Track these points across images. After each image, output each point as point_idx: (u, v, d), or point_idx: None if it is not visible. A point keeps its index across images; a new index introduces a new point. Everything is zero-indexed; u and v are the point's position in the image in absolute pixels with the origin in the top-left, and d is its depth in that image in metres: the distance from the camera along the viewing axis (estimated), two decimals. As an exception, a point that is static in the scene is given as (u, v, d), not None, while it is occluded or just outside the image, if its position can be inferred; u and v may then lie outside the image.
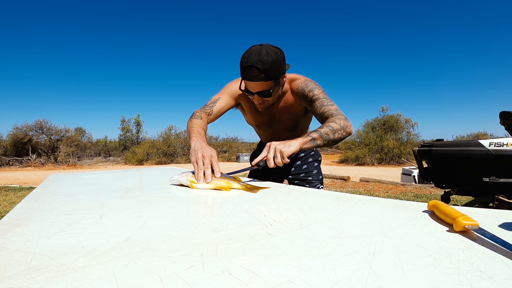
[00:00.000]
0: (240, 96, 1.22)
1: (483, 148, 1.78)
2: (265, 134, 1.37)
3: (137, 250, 0.37)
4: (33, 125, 16.62)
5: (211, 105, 1.18)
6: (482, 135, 15.98)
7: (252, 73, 1.01)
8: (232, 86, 1.22)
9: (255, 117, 1.27)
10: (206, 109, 1.18)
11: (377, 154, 15.28)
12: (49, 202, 0.65)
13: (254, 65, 0.99)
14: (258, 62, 0.99)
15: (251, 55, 1.01)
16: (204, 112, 1.17)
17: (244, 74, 1.03)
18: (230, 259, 0.34)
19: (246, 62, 1.01)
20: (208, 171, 0.85)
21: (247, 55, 1.02)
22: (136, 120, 20.61)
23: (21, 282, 0.29)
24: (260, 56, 0.99)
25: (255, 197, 0.71)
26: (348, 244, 0.39)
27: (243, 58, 1.03)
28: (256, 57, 0.99)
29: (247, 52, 1.03)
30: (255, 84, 1.04)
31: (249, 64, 1.00)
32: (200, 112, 1.17)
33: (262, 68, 0.99)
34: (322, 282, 0.29)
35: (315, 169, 1.39)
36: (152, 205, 0.62)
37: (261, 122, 1.29)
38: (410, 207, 0.58)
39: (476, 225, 0.42)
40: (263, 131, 1.36)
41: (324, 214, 0.54)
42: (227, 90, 1.22)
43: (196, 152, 0.91)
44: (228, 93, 1.21)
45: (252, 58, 1.00)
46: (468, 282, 0.29)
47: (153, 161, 16.30)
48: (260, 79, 1.02)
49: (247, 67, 1.01)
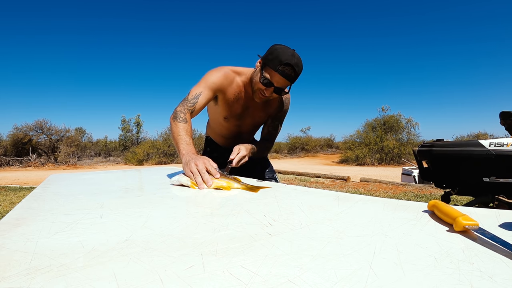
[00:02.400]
0: (219, 89, 1.21)
1: (483, 148, 1.78)
2: (229, 127, 1.37)
3: (137, 250, 0.37)
4: (33, 125, 16.63)
5: (193, 101, 1.15)
6: (482, 135, 15.97)
7: (288, 71, 1.08)
8: (213, 79, 1.19)
9: (229, 109, 1.28)
10: (189, 105, 1.14)
11: (377, 154, 15.27)
12: (49, 202, 0.65)
13: (294, 66, 1.08)
14: (295, 65, 1.08)
15: (290, 55, 1.08)
16: (188, 110, 1.14)
17: (278, 68, 1.08)
18: (230, 259, 0.34)
19: (286, 59, 1.07)
20: (205, 175, 0.85)
21: (285, 53, 1.08)
22: (136, 120, 20.61)
23: (21, 282, 0.29)
24: (297, 60, 1.09)
25: (255, 197, 0.71)
26: (348, 244, 0.39)
27: (283, 53, 1.08)
28: (294, 59, 1.08)
29: (284, 49, 1.10)
30: (283, 80, 1.11)
31: (288, 62, 1.07)
32: (183, 111, 1.13)
33: (297, 71, 1.10)
34: (322, 282, 0.29)
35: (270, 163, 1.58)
36: (152, 205, 0.62)
37: (234, 114, 1.30)
38: (410, 207, 0.58)
39: (476, 225, 0.42)
40: (229, 124, 1.36)
41: (324, 214, 0.54)
42: (208, 83, 1.18)
43: (189, 164, 0.90)
44: (209, 87, 1.18)
45: (291, 58, 1.07)
46: (468, 282, 0.29)
47: (153, 161, 16.30)
48: (290, 79, 1.11)
49: (287, 64, 1.07)
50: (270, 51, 1.12)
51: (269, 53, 1.12)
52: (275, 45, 1.13)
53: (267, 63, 1.11)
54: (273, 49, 1.11)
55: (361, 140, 16.36)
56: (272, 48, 1.13)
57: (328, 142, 26.38)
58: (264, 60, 1.13)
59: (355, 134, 17.05)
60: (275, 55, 1.09)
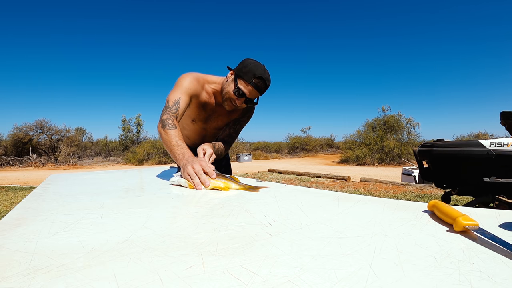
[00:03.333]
0: (193, 94, 1.26)
1: (483, 148, 1.78)
2: (195, 129, 1.45)
3: (137, 250, 0.37)
4: (34, 125, 16.62)
5: (175, 107, 1.18)
6: (482, 135, 15.95)
7: (260, 84, 1.18)
8: (187, 84, 1.23)
9: (198, 112, 1.35)
10: (172, 111, 1.18)
11: (377, 154, 15.26)
12: (49, 202, 0.65)
13: (265, 80, 1.19)
14: (267, 79, 1.20)
15: (262, 70, 1.19)
16: (173, 116, 1.17)
17: (252, 81, 1.17)
18: (230, 259, 0.34)
19: (260, 73, 1.17)
20: (202, 176, 0.86)
21: (258, 67, 1.18)
22: (136, 120, 20.60)
23: (21, 282, 0.29)
24: (267, 75, 1.20)
25: (255, 197, 0.71)
26: (348, 244, 0.39)
27: (256, 68, 1.18)
28: (266, 74, 1.20)
29: (257, 64, 1.20)
30: (255, 92, 1.20)
31: (261, 77, 1.17)
32: (170, 118, 1.16)
33: (267, 85, 1.21)
34: (322, 282, 0.29)
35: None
36: (152, 205, 0.62)
37: (201, 117, 1.38)
38: (410, 207, 0.58)
39: (476, 225, 0.42)
40: (195, 126, 1.43)
41: (324, 214, 0.54)
42: (184, 89, 1.22)
43: (186, 168, 0.91)
44: (185, 92, 1.22)
45: (263, 73, 1.18)
46: (468, 282, 0.29)
47: (154, 161, 16.30)
48: (260, 91, 1.22)
49: (260, 78, 1.17)
50: (243, 65, 1.20)
51: (243, 66, 1.20)
52: (248, 59, 1.23)
53: (241, 75, 1.18)
54: (247, 63, 1.20)
55: (361, 140, 16.35)
56: (245, 62, 1.21)
57: (329, 142, 26.37)
58: (237, 72, 1.20)
59: (356, 134, 17.04)
60: (249, 68, 1.18)
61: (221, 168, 1.54)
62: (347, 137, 17.59)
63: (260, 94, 1.24)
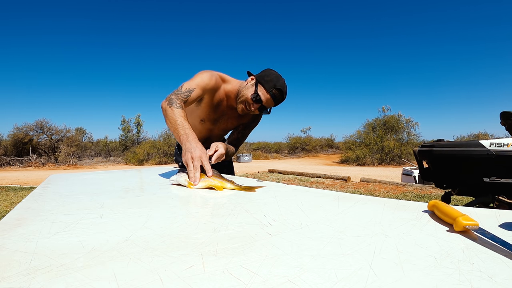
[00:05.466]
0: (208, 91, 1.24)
1: (483, 149, 1.78)
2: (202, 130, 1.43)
3: (137, 250, 0.37)
4: (34, 125, 16.62)
5: (187, 93, 1.15)
6: (482, 136, 15.94)
7: (278, 96, 1.22)
8: (205, 79, 1.21)
9: (208, 112, 1.33)
10: (182, 96, 1.14)
11: (377, 154, 15.26)
12: (49, 202, 0.65)
13: (283, 93, 1.23)
14: (285, 93, 1.24)
15: (283, 83, 1.22)
16: (181, 99, 1.14)
17: (271, 91, 1.20)
18: (230, 259, 0.34)
19: (280, 85, 1.21)
20: (197, 173, 0.88)
21: (279, 79, 1.22)
22: (136, 120, 20.59)
23: (21, 282, 0.29)
24: (286, 89, 1.25)
25: (255, 197, 0.71)
26: (348, 244, 0.39)
27: (277, 79, 1.21)
28: (285, 88, 1.24)
29: (278, 76, 1.23)
30: (271, 101, 1.23)
31: (281, 89, 1.21)
32: (178, 100, 1.12)
33: (283, 98, 1.25)
34: (322, 282, 0.29)
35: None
36: (152, 205, 0.62)
37: (210, 118, 1.36)
38: (410, 207, 0.58)
39: (476, 225, 0.42)
40: (203, 127, 1.41)
41: (324, 214, 0.54)
42: (200, 83, 1.19)
43: (186, 154, 0.94)
44: (201, 86, 1.19)
45: (284, 86, 1.22)
46: (468, 282, 0.29)
47: (154, 161, 16.29)
48: (276, 103, 1.25)
49: (279, 90, 1.21)
50: (266, 73, 1.23)
51: (266, 75, 1.22)
52: (271, 70, 1.26)
53: (263, 83, 1.20)
54: (270, 73, 1.23)
55: (361, 140, 16.35)
56: (268, 71, 1.24)
57: (329, 142, 26.38)
58: (259, 79, 1.22)
59: (356, 134, 17.06)
60: (271, 78, 1.21)
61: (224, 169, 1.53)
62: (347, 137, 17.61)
63: (275, 105, 1.26)
